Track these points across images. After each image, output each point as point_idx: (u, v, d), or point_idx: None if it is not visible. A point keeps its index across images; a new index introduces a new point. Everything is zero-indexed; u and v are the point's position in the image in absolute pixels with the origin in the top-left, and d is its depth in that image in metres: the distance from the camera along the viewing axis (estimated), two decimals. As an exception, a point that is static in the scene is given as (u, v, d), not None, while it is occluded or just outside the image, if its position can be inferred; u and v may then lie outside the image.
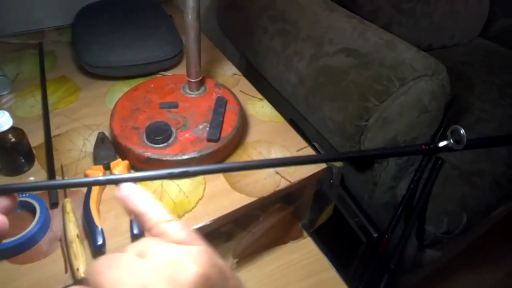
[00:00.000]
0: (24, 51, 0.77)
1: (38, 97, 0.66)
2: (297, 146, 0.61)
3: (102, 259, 0.21)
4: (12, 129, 0.51)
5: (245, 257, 0.57)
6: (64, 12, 0.84)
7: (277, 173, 0.56)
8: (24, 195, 0.48)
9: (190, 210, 0.49)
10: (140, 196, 0.24)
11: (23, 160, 0.53)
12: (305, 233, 0.62)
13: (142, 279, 0.20)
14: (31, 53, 0.77)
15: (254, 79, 0.82)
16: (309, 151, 0.60)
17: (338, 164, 0.66)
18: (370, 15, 1.04)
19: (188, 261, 0.21)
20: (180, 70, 0.76)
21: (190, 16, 0.56)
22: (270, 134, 0.62)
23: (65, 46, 0.80)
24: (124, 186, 0.25)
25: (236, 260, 0.57)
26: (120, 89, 0.69)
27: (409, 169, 0.80)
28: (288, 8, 0.89)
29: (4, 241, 0.43)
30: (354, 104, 0.71)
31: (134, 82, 0.68)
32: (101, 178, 0.25)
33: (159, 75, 0.73)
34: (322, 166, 0.58)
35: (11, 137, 0.51)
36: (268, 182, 0.54)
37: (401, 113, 0.68)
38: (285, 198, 0.58)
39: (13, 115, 0.50)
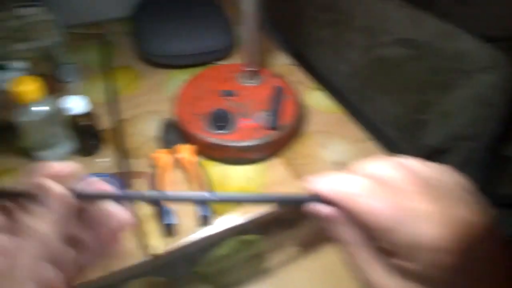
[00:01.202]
0: (89, 41, 0.81)
1: (104, 84, 0.69)
2: (357, 138, 0.60)
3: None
4: (86, 113, 0.54)
5: (307, 246, 0.58)
6: (124, 5, 0.88)
7: (339, 164, 0.56)
8: (97, 175, 0.51)
9: (253, 196, 0.51)
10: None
11: (94, 142, 0.57)
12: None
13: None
14: (96, 43, 0.81)
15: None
16: (371, 145, 0.59)
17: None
18: (427, 4, 1.00)
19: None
20: (233, 59, 0.77)
21: (250, 6, 0.57)
22: (328, 124, 0.62)
23: (126, 36, 0.83)
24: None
25: (298, 249, 0.58)
26: (178, 77, 0.71)
27: (470, 166, 0.77)
28: (340, -2, 0.88)
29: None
30: (412, 97, 0.69)
31: (191, 71, 0.70)
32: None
33: (213, 64, 0.75)
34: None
35: (85, 120, 0.55)
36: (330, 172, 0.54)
37: (462, 106, 0.65)
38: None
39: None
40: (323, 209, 0.23)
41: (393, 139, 0.72)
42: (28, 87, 0.49)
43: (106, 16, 0.89)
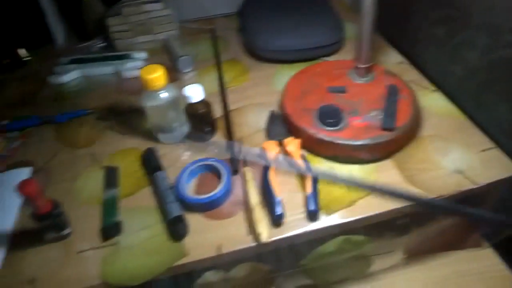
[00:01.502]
0: (200, 35, 0.87)
1: (214, 75, 0.73)
2: (481, 146, 0.55)
3: None
4: (202, 101, 0.58)
5: (415, 255, 0.55)
6: (231, 2, 0.93)
7: (459, 172, 0.51)
8: (212, 160, 0.54)
9: (363, 198, 0.49)
10: None
11: (208, 129, 0.60)
12: (485, 243, 0.56)
13: None
14: (205, 37, 0.86)
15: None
16: (497, 153, 0.54)
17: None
18: None
19: None
20: (341, 56, 0.75)
21: (367, 1, 0.55)
22: (446, 129, 0.57)
23: (232, 32, 0.87)
24: None
25: (405, 256, 0.55)
26: (285, 72, 0.72)
27: None
28: (457, -7, 0.80)
29: (199, 197, 0.49)
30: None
31: (298, 66, 0.71)
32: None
33: (321, 60, 0.74)
34: (515, 170, 0.51)
35: (202, 108, 0.58)
36: (450, 180, 0.50)
37: None
38: (463, 201, 0.53)
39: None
40: None
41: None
42: (154, 74, 0.53)
43: (216, 12, 0.94)
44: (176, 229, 0.46)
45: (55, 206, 0.47)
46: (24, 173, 0.58)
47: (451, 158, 0.53)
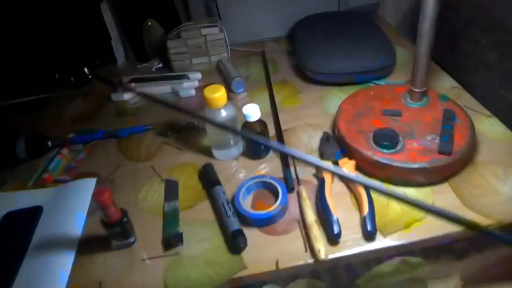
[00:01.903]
0: (250, 58, 0.91)
1: (266, 96, 0.77)
2: (543, 173, 0.54)
3: None
4: (259, 121, 0.61)
5: (474, 283, 0.53)
6: (279, 26, 0.97)
7: (519, 199, 0.51)
8: (268, 177, 0.56)
9: (419, 220, 0.49)
10: None
11: (262, 147, 0.63)
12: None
13: None
14: (256, 59, 0.90)
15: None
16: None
17: None
18: None
19: None
20: (392, 79, 0.77)
21: (426, 25, 0.56)
22: (505, 155, 0.56)
23: (282, 54, 0.91)
24: None
25: (462, 283, 0.54)
26: (336, 94, 0.74)
27: None
28: (508, 18, 0.80)
29: (259, 212, 0.51)
30: None
31: (348, 89, 0.73)
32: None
33: (371, 84, 0.76)
34: None
35: (258, 127, 0.61)
36: (508, 207, 0.49)
37: None
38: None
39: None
40: None
41: None
42: (217, 94, 0.57)
43: (265, 36, 0.98)
44: (236, 242, 0.48)
45: (124, 215, 0.50)
46: (90, 183, 0.63)
47: (509, 184, 0.52)
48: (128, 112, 0.79)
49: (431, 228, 0.48)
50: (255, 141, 0.62)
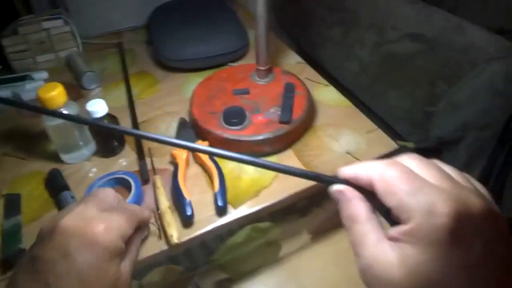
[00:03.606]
0: (106, 50, 0.85)
1: (123, 89, 0.73)
2: (366, 128, 0.62)
3: None
4: (107, 116, 0.58)
5: (320, 233, 0.59)
6: (138, 15, 0.93)
7: (348, 153, 0.57)
8: (120, 173, 0.54)
9: (266, 187, 0.53)
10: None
11: (116, 144, 0.60)
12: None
13: None
14: (112, 51, 0.85)
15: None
16: (380, 133, 0.61)
17: (410, 144, 0.65)
18: (434, -1, 1.01)
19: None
20: (246, 60, 0.80)
21: (261, 7, 0.59)
22: (338, 117, 0.64)
23: (141, 44, 0.87)
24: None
25: (311, 236, 0.59)
26: (194, 80, 0.74)
27: (481, 156, 0.77)
28: (348, -1, 0.90)
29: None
30: (422, 89, 0.70)
31: (206, 73, 0.73)
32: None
33: (228, 66, 0.78)
34: (394, 146, 0.58)
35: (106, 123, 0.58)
36: (340, 162, 0.56)
37: (472, 97, 0.66)
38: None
39: (102, 105, 0.56)
40: (343, 188, 0.26)
41: (403, 133, 0.73)
42: (52, 93, 0.52)
43: (122, 26, 0.93)
44: None
45: None
46: None
47: (341, 141, 0.59)
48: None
49: (276, 193, 0.52)
50: (107, 139, 0.59)
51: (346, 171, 0.26)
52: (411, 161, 0.24)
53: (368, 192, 0.25)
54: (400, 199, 0.22)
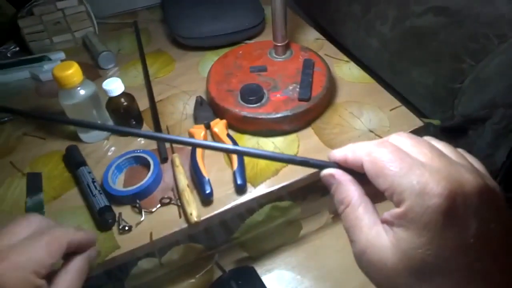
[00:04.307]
0: (122, 30, 0.84)
1: (139, 68, 0.72)
2: (390, 106, 0.59)
3: None
4: (124, 94, 0.57)
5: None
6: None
7: (370, 131, 0.56)
8: (138, 151, 0.54)
9: (286, 165, 0.51)
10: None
11: (134, 122, 0.60)
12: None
13: None
14: (128, 31, 0.84)
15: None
16: (404, 110, 0.59)
17: (435, 121, 0.63)
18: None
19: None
20: (263, 37, 0.78)
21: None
22: (359, 94, 0.62)
23: (156, 23, 0.86)
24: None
25: (332, 215, 0.58)
26: (210, 58, 0.72)
27: (509, 135, 0.74)
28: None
29: (127, 189, 0.49)
30: (446, 65, 0.67)
31: (222, 52, 0.72)
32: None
33: (244, 44, 0.76)
34: (419, 123, 0.56)
35: (124, 101, 0.57)
36: (362, 139, 0.53)
37: (500, 72, 0.62)
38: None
39: (120, 85, 0.56)
40: (334, 171, 0.25)
41: (426, 112, 0.71)
42: (68, 71, 0.52)
43: (137, 5, 0.92)
44: (103, 219, 0.46)
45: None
46: None
47: (363, 119, 0.57)
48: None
49: (296, 171, 0.50)
50: (124, 118, 0.58)
51: (337, 154, 0.25)
52: (402, 140, 0.23)
53: (360, 175, 0.24)
54: (390, 181, 0.21)
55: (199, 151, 0.52)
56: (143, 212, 0.47)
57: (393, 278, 0.21)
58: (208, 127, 0.57)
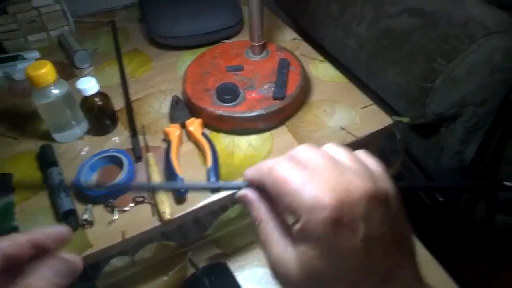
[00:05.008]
0: (99, 29, 0.84)
1: (116, 68, 0.72)
2: (362, 104, 0.61)
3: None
4: (99, 94, 0.57)
5: None
6: (131, -8, 0.91)
7: (342, 128, 0.57)
8: (111, 151, 0.54)
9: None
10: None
11: (108, 122, 0.59)
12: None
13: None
14: (105, 30, 0.83)
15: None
16: (375, 109, 0.60)
17: (405, 119, 0.65)
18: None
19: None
20: (241, 37, 0.78)
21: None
22: (333, 93, 0.63)
23: (134, 23, 0.85)
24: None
25: None
26: (188, 57, 0.72)
27: (478, 132, 0.76)
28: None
29: (99, 189, 0.49)
30: (420, 65, 0.69)
31: (200, 51, 0.72)
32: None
33: (221, 43, 0.76)
34: (389, 121, 0.57)
35: (98, 101, 0.57)
36: (334, 137, 0.55)
37: (470, 72, 0.65)
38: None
39: (95, 84, 0.55)
40: (245, 192, 0.26)
41: (400, 110, 0.72)
42: (41, 71, 0.51)
43: (115, 4, 0.91)
44: (67, 223, 0.45)
45: None
46: None
47: (336, 117, 0.58)
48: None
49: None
50: (98, 118, 0.58)
51: (248, 174, 0.26)
52: (302, 152, 0.24)
53: (265, 194, 0.25)
54: (288, 201, 0.22)
55: (173, 149, 0.52)
56: (115, 211, 0.47)
57: None
58: (183, 126, 0.57)
